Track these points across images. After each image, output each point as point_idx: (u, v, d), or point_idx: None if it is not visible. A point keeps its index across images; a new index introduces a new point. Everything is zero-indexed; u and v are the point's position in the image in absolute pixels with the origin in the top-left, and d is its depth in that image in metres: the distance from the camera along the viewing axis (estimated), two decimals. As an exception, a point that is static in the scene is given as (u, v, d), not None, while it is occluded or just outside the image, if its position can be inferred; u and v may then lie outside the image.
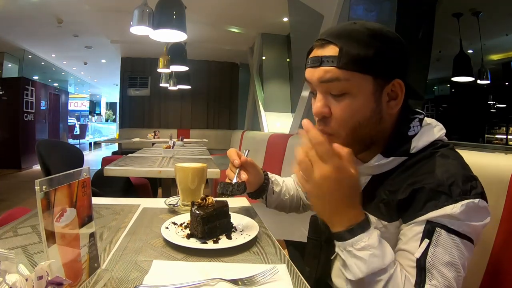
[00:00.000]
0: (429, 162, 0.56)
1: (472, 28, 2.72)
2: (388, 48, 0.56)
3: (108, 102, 17.37)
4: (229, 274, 0.52)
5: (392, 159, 0.59)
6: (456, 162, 0.55)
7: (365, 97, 0.56)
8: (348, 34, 0.56)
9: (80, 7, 3.97)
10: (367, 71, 0.55)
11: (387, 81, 0.57)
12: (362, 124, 0.58)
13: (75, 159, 2.19)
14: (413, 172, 0.57)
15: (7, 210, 1.10)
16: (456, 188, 0.51)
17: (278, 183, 0.92)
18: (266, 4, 3.78)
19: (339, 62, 0.55)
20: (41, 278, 0.36)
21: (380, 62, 0.55)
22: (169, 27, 1.95)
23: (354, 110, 0.57)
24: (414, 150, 0.58)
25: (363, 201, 0.61)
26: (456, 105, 3.43)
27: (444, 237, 0.50)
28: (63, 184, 0.42)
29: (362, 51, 0.54)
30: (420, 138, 0.59)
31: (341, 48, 0.55)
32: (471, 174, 0.54)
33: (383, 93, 0.58)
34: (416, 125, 0.60)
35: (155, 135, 4.71)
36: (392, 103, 0.59)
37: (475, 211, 0.51)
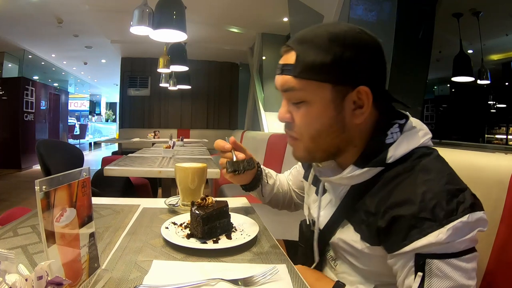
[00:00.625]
0: (409, 179, 0.51)
1: (472, 28, 2.72)
2: (350, 53, 0.52)
3: (108, 102, 17.37)
4: (229, 274, 0.52)
5: (366, 170, 0.55)
6: (439, 176, 0.50)
7: (322, 105, 0.54)
8: (309, 40, 0.54)
9: (80, 7, 3.97)
10: (324, 79, 0.53)
11: (351, 89, 0.54)
12: (322, 132, 0.56)
13: (75, 159, 2.19)
14: (392, 190, 0.52)
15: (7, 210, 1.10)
16: (440, 211, 0.47)
17: (272, 176, 0.90)
18: (266, 4, 3.78)
19: (294, 71, 0.54)
20: (41, 278, 0.36)
21: (339, 68, 0.52)
22: (169, 27, 1.95)
23: (312, 118, 0.56)
24: (391, 160, 0.54)
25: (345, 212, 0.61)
26: (456, 105, 3.43)
27: (438, 266, 0.47)
28: (63, 184, 0.42)
29: (319, 58, 0.52)
30: (399, 146, 0.54)
31: (297, 56, 0.54)
32: (457, 187, 0.49)
33: (346, 101, 0.54)
34: (395, 132, 0.55)
35: (155, 135, 4.72)
36: (357, 112, 0.55)
37: (465, 228, 0.47)
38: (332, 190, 0.66)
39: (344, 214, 0.61)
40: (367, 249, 0.56)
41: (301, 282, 0.51)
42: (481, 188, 0.68)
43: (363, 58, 0.53)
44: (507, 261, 0.62)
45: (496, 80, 2.94)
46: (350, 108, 0.55)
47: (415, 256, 0.48)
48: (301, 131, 0.58)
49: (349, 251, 0.61)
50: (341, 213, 0.62)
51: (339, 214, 0.63)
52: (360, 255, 0.59)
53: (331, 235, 0.64)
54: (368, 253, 0.56)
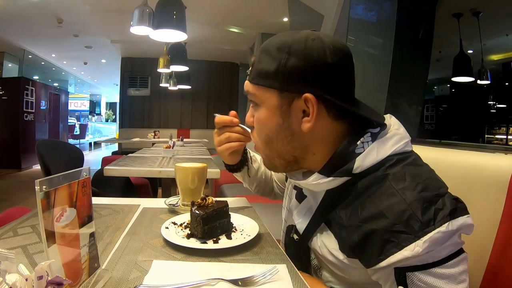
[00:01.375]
0: (381, 189, 0.49)
1: (472, 28, 2.72)
2: (295, 61, 0.51)
3: (108, 102, 17.37)
4: (229, 274, 0.52)
5: (331, 179, 0.53)
6: (413, 183, 0.47)
7: (269, 111, 0.56)
8: (265, 47, 0.56)
9: (80, 7, 3.97)
10: (270, 84, 0.54)
11: (297, 96, 0.53)
12: (271, 137, 0.57)
13: (75, 159, 2.19)
14: (363, 202, 0.50)
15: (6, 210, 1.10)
16: (415, 222, 0.44)
17: (256, 160, 0.88)
18: (266, 4, 3.78)
19: (250, 76, 0.58)
20: (41, 278, 0.36)
21: (282, 75, 0.52)
22: (169, 27, 1.95)
23: (261, 123, 0.58)
24: (358, 170, 0.51)
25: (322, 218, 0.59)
26: (456, 105, 3.42)
27: (420, 278, 0.45)
28: (63, 184, 0.42)
29: (267, 65, 0.54)
30: (367, 156, 0.51)
31: (253, 62, 0.57)
32: (435, 193, 0.46)
33: (293, 108, 0.54)
34: (366, 141, 0.52)
35: (155, 135, 4.72)
36: (305, 121, 0.54)
37: (445, 238, 0.44)
38: (311, 196, 0.64)
39: (322, 219, 0.60)
40: (346, 259, 0.55)
41: (301, 282, 0.51)
42: (481, 188, 0.68)
43: (310, 66, 0.52)
44: (508, 261, 0.62)
45: (496, 80, 2.93)
46: (298, 116, 0.54)
47: (395, 271, 0.46)
48: (257, 135, 0.61)
49: (330, 260, 0.59)
50: (318, 217, 0.61)
51: (316, 219, 0.61)
52: (341, 264, 0.57)
53: (308, 240, 0.63)
54: (348, 264, 0.55)
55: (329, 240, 0.58)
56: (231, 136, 0.73)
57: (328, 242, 0.58)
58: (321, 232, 0.60)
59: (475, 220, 0.54)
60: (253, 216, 0.82)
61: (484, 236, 0.66)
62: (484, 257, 0.66)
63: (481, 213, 0.67)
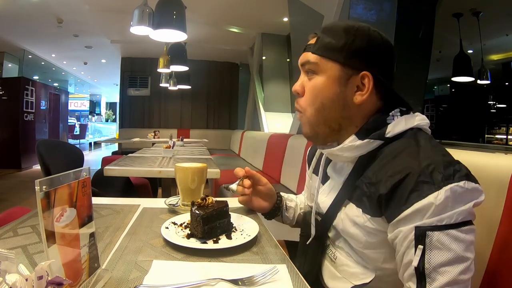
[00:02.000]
0: (408, 150, 0.56)
1: (472, 28, 2.72)
2: (360, 42, 0.61)
3: (108, 102, 17.37)
4: (229, 274, 0.52)
5: (366, 142, 0.60)
6: (435, 149, 0.55)
7: (330, 80, 0.63)
8: (330, 28, 0.64)
9: (80, 7, 3.98)
10: (335, 58, 0.62)
11: (356, 72, 0.62)
12: (325, 105, 0.63)
13: (75, 159, 2.19)
14: (392, 161, 0.56)
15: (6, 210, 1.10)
16: (438, 174, 0.50)
17: (292, 199, 0.93)
18: (266, 4, 3.78)
19: (313, 48, 0.64)
20: (41, 278, 0.36)
21: (347, 52, 0.61)
22: (169, 27, 1.95)
23: (319, 90, 0.64)
24: (389, 134, 0.59)
25: (347, 192, 0.64)
26: (456, 105, 3.43)
27: (438, 237, 0.49)
28: (63, 184, 0.42)
29: (334, 41, 0.62)
30: (397, 124, 0.60)
31: (318, 38, 0.65)
32: (452, 159, 0.53)
33: (350, 82, 0.62)
34: (396, 115, 0.62)
35: (155, 135, 4.71)
36: (358, 93, 0.63)
37: (463, 194, 0.50)
38: (335, 175, 0.71)
39: (346, 194, 0.65)
40: (369, 222, 0.58)
41: (301, 282, 0.51)
42: (481, 188, 0.68)
43: (370, 50, 0.62)
44: (508, 261, 0.62)
45: (496, 80, 2.94)
46: (352, 89, 0.63)
47: (415, 229, 0.50)
48: (307, 103, 0.65)
49: (351, 233, 0.62)
50: (343, 194, 0.66)
51: (341, 196, 0.66)
52: (362, 233, 0.60)
53: (333, 218, 0.67)
54: (369, 229, 0.59)
55: (351, 210, 0.63)
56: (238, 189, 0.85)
57: (350, 212, 0.63)
58: (345, 207, 0.65)
59: (475, 220, 0.54)
60: (253, 216, 0.82)
61: (484, 236, 0.66)
62: (484, 257, 0.66)
63: (481, 213, 0.67)
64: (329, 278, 0.70)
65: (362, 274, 0.63)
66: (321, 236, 0.71)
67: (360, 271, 0.64)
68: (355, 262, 0.65)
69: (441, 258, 0.49)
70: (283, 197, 0.91)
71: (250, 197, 0.85)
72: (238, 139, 5.22)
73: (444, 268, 0.49)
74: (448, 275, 0.48)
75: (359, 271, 0.64)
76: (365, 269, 0.63)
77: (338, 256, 0.68)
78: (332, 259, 0.70)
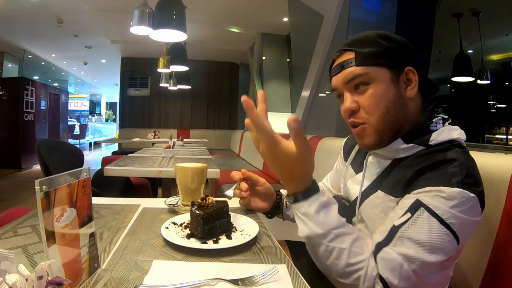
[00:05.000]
0: (441, 154, 0.60)
1: (472, 28, 2.72)
2: (395, 45, 0.66)
3: (108, 102, 17.38)
4: (229, 274, 0.52)
5: (411, 146, 0.64)
6: (466, 163, 0.57)
7: (385, 84, 0.65)
8: (359, 39, 0.67)
9: (80, 7, 3.97)
10: (381, 63, 0.65)
11: (401, 70, 0.66)
12: (389, 108, 0.65)
13: (75, 159, 2.19)
14: (425, 160, 0.60)
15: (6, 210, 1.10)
16: (457, 176, 0.54)
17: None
18: (266, 4, 3.78)
19: (357, 61, 0.65)
20: (41, 278, 0.36)
21: (389, 55, 0.65)
22: (169, 27, 1.95)
23: (379, 97, 0.65)
24: (433, 142, 0.62)
25: (380, 183, 0.68)
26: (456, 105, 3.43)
27: (425, 218, 0.53)
28: (63, 184, 0.42)
29: (373, 49, 0.65)
30: (441, 134, 0.63)
31: (356, 51, 0.66)
32: (477, 176, 0.56)
33: (400, 81, 0.66)
34: (439, 122, 0.65)
35: (155, 135, 4.71)
36: (409, 88, 0.66)
37: (467, 204, 0.53)
38: (372, 167, 0.73)
39: (378, 185, 0.69)
40: (390, 202, 0.63)
41: (301, 282, 0.51)
42: (481, 188, 0.68)
43: (403, 48, 0.67)
44: (507, 261, 0.62)
45: (496, 80, 2.93)
46: (403, 86, 0.66)
47: (415, 200, 0.55)
48: (369, 113, 0.66)
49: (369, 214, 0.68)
50: (375, 184, 0.70)
51: (373, 185, 0.70)
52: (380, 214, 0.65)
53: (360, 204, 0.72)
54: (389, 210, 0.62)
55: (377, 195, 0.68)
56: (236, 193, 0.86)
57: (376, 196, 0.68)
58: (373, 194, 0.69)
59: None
60: (253, 216, 0.82)
61: (484, 236, 0.66)
62: (484, 257, 0.66)
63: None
64: None
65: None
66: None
67: None
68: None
69: (416, 234, 0.53)
70: (283, 195, 0.91)
71: (249, 199, 0.86)
72: (238, 139, 5.22)
73: (410, 243, 0.53)
74: (411, 251, 0.52)
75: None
76: None
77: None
78: None
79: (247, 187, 0.84)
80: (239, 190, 0.85)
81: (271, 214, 0.90)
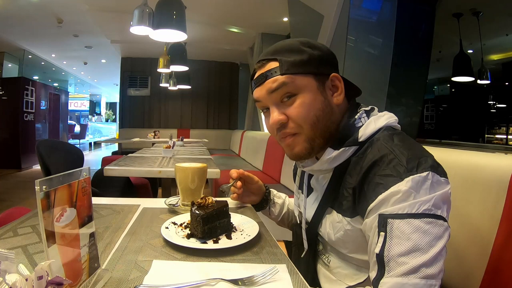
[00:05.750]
0: (375, 145, 0.58)
1: (472, 28, 2.72)
2: (318, 52, 0.64)
3: (108, 102, 17.37)
4: (229, 274, 0.52)
5: (342, 150, 0.62)
6: (401, 144, 0.56)
7: (312, 93, 0.63)
8: (282, 48, 0.65)
9: (80, 7, 3.97)
10: (307, 71, 0.63)
11: (326, 77, 0.65)
12: (319, 116, 0.63)
13: (75, 159, 2.19)
14: (363, 160, 0.58)
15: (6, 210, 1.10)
16: (400, 167, 0.52)
17: (280, 196, 0.99)
18: (266, 4, 3.78)
19: (281, 70, 0.63)
20: (41, 278, 0.36)
21: (314, 62, 0.63)
22: (169, 27, 1.95)
23: (308, 106, 0.63)
24: (362, 138, 0.61)
25: (329, 200, 0.67)
26: (456, 105, 3.42)
27: (398, 226, 0.49)
28: (63, 184, 0.42)
29: (298, 57, 0.63)
30: (367, 126, 0.62)
31: (280, 60, 0.63)
32: (418, 152, 0.55)
33: (326, 88, 0.65)
34: (362, 117, 0.65)
35: (155, 135, 4.71)
36: (336, 94, 0.66)
37: (425, 185, 0.51)
38: (317, 186, 0.73)
39: (328, 202, 0.67)
40: (349, 224, 0.61)
41: (301, 282, 0.51)
42: (481, 188, 0.68)
43: (327, 56, 0.66)
44: (508, 261, 0.62)
45: (496, 80, 2.93)
46: (329, 93, 0.65)
47: (378, 217, 0.52)
48: (300, 123, 0.64)
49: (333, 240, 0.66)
50: (325, 202, 0.68)
51: (323, 204, 0.69)
52: (345, 239, 0.63)
53: (317, 226, 0.71)
54: (350, 233, 0.61)
55: (332, 217, 0.66)
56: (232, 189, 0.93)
57: (332, 219, 0.66)
58: (328, 214, 0.68)
59: (475, 219, 0.54)
60: (253, 216, 0.82)
61: (484, 236, 0.66)
62: (484, 256, 0.66)
63: (481, 213, 0.67)
64: (325, 282, 0.72)
65: (355, 274, 0.65)
66: (312, 244, 0.75)
67: (353, 272, 0.66)
68: (348, 263, 0.67)
69: (400, 247, 0.49)
70: (272, 193, 0.98)
71: (241, 196, 0.94)
72: (238, 139, 5.22)
73: (402, 258, 0.48)
74: (406, 265, 0.47)
75: (352, 272, 0.66)
76: (358, 270, 0.65)
77: (331, 259, 0.71)
78: (326, 263, 0.72)
79: (241, 185, 0.91)
80: (234, 187, 0.91)
81: (258, 207, 0.96)
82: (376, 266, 0.50)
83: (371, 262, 0.52)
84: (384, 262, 0.49)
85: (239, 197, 0.94)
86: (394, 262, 0.48)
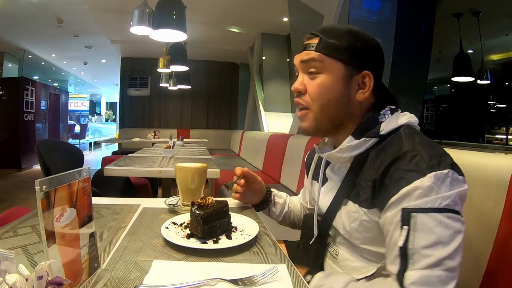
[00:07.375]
0: (398, 142, 0.60)
1: (472, 28, 2.72)
2: (360, 44, 0.65)
3: (108, 102, 17.38)
4: (229, 274, 0.52)
5: (362, 140, 0.64)
6: (422, 142, 0.58)
7: (335, 79, 0.65)
8: (330, 29, 0.68)
9: (80, 7, 3.97)
10: (339, 57, 0.65)
11: (357, 71, 0.66)
12: (331, 102, 0.66)
13: (75, 159, 2.19)
14: (384, 154, 0.60)
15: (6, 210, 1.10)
16: (423, 163, 0.53)
17: (281, 196, 0.98)
18: (266, 4, 3.78)
19: (317, 47, 0.66)
20: (41, 278, 0.36)
21: (350, 53, 0.65)
22: (169, 27, 1.94)
23: (325, 88, 0.66)
24: (383, 132, 0.63)
25: (345, 191, 0.67)
26: (456, 105, 3.43)
27: (422, 219, 0.51)
28: (63, 184, 0.42)
29: (337, 42, 0.65)
30: (390, 122, 0.64)
31: (321, 38, 0.67)
32: (438, 152, 0.56)
33: (353, 81, 0.66)
34: (387, 113, 0.66)
35: (155, 135, 4.71)
36: (360, 92, 0.67)
37: (446, 181, 0.52)
38: (333, 176, 0.74)
39: (345, 193, 0.68)
40: (365, 215, 0.62)
41: (301, 282, 0.51)
42: (481, 188, 0.68)
43: (369, 52, 0.67)
44: (508, 260, 0.62)
45: (496, 80, 2.93)
46: (355, 87, 0.67)
47: (401, 211, 0.53)
48: (313, 100, 0.67)
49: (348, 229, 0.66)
50: (341, 193, 0.69)
51: (340, 195, 0.69)
52: (359, 228, 0.64)
53: (333, 217, 0.71)
54: (366, 223, 0.62)
55: (349, 207, 0.66)
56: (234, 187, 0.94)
57: (348, 209, 0.66)
58: (344, 205, 0.68)
59: (475, 220, 0.54)
60: (253, 216, 0.82)
61: (484, 236, 0.66)
62: (484, 257, 0.66)
63: (481, 213, 0.67)
64: None
65: (364, 267, 0.65)
66: (322, 235, 0.74)
67: (362, 265, 0.66)
68: (357, 256, 0.67)
69: (424, 240, 0.50)
70: (273, 193, 0.97)
71: (242, 194, 0.93)
72: (238, 139, 5.22)
73: (427, 251, 0.49)
74: (431, 258, 0.49)
75: (360, 265, 0.66)
76: (367, 263, 0.65)
77: (340, 252, 0.71)
78: (334, 255, 0.72)
79: (243, 183, 0.91)
80: (237, 185, 0.92)
81: (259, 207, 0.95)
82: (399, 259, 0.51)
83: (391, 256, 0.53)
84: (408, 255, 0.50)
85: (240, 196, 0.94)
86: (418, 254, 0.50)
